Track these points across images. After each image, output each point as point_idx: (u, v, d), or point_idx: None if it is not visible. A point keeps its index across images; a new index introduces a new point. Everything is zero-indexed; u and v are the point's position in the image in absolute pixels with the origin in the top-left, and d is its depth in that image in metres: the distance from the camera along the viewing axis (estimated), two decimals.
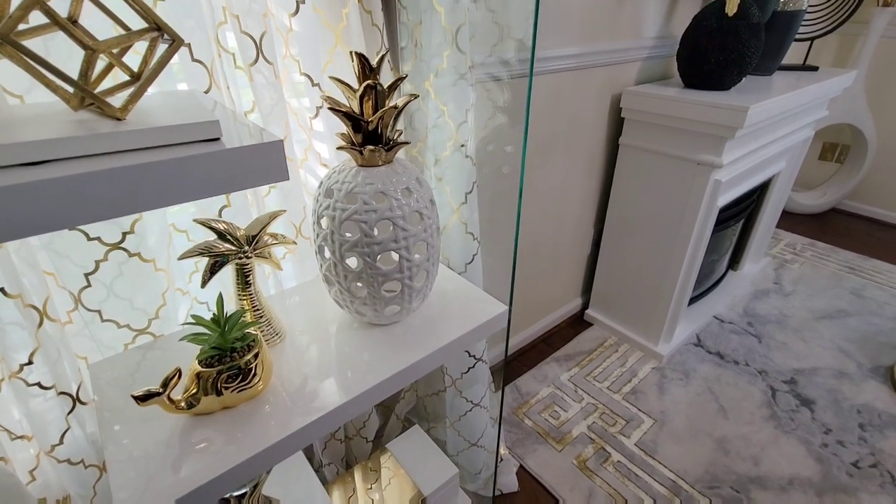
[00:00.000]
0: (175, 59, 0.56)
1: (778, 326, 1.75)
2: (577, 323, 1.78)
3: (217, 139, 0.37)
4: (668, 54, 1.50)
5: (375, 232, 0.56)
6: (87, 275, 0.57)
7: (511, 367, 1.56)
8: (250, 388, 0.54)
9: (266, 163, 0.37)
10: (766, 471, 1.22)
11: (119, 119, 0.35)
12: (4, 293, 0.50)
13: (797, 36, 1.57)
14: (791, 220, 2.57)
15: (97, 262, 0.57)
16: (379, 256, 0.57)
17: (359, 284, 0.61)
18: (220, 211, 0.64)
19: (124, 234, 0.57)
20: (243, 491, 0.64)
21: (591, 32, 1.21)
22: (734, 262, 2.03)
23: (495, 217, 1.15)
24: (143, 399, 0.47)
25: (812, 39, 1.69)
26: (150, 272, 0.61)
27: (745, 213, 1.73)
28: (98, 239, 0.56)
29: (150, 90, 0.44)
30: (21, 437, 0.59)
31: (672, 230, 1.41)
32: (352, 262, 0.59)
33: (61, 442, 0.60)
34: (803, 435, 1.32)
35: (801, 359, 1.60)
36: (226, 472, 0.48)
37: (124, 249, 0.58)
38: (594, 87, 1.33)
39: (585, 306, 1.82)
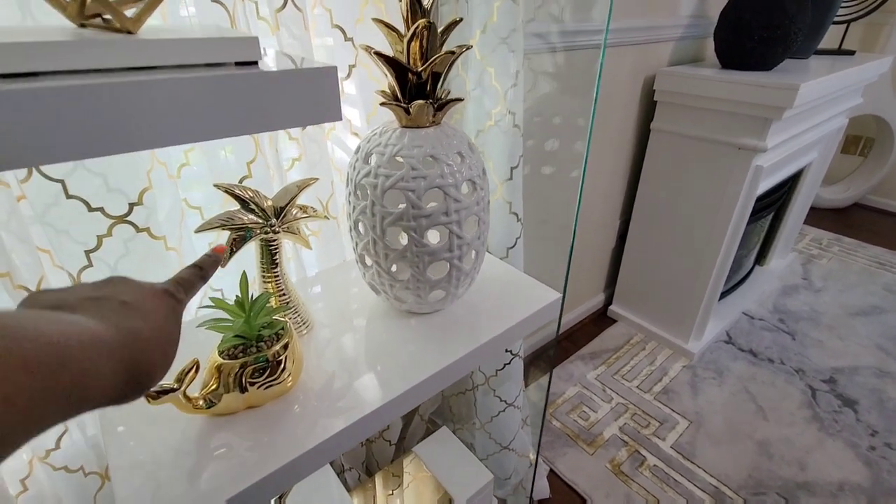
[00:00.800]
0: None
1: (811, 323, 1.67)
2: (601, 319, 1.70)
3: (254, 63, 0.29)
4: (701, 35, 1.42)
5: (424, 202, 0.48)
6: (87, 252, 0.49)
7: (534, 366, 1.48)
8: (279, 384, 0.46)
9: (316, 95, 0.29)
10: (813, 476, 1.14)
11: (130, 33, 0.27)
12: None
13: (834, 19, 1.49)
14: (813, 215, 2.48)
15: (99, 238, 0.49)
16: (426, 232, 0.49)
17: (395, 268, 0.53)
18: (241, 181, 0.57)
19: (131, 205, 0.49)
20: None
21: (624, 7, 1.13)
22: (761, 257, 1.95)
23: (536, 196, 1.06)
24: (154, 396, 0.39)
25: (849, 22, 1.61)
26: (160, 251, 0.53)
27: (776, 204, 1.65)
28: (101, 210, 0.48)
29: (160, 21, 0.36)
30: None
31: (707, 220, 1.33)
32: (394, 238, 0.51)
33: (58, 446, 0.52)
34: (849, 437, 1.24)
35: (838, 357, 1.52)
36: (252, 484, 0.40)
37: (131, 223, 0.50)
38: (626, 67, 1.25)
39: (609, 302, 1.74)
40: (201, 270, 0.35)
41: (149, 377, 0.25)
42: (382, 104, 0.48)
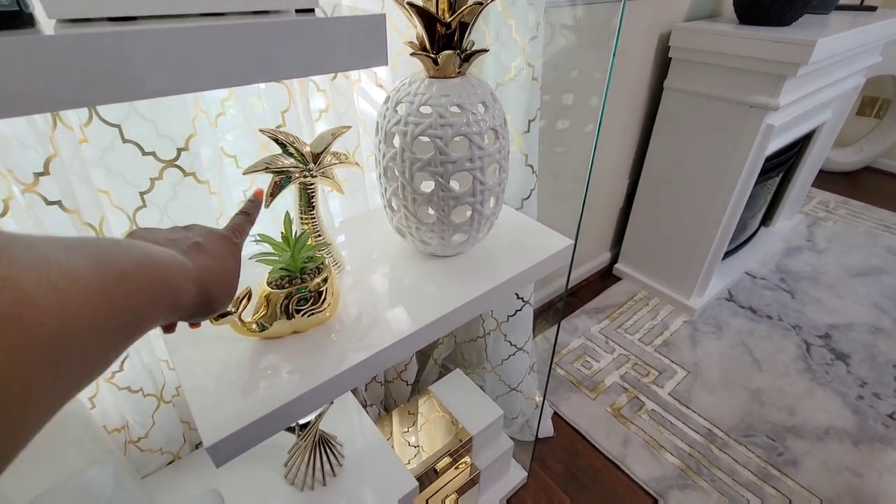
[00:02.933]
0: None
1: (811, 283, 1.71)
2: (606, 277, 1.76)
3: (311, 10, 0.32)
4: None
5: (450, 149, 0.51)
6: (141, 194, 0.53)
7: (541, 318, 1.54)
8: (320, 312, 0.51)
9: (366, 40, 0.33)
10: (801, 421, 1.22)
11: None
12: (62, 207, 0.47)
13: None
14: (823, 178, 2.48)
15: (152, 181, 0.53)
16: (451, 177, 0.53)
17: (421, 211, 0.57)
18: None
19: (179, 150, 0.53)
20: (308, 419, 0.63)
21: None
22: (767, 219, 1.97)
23: (550, 150, 1.09)
24: (216, 318, 0.45)
25: None
26: (204, 195, 0.58)
27: (785, 165, 1.66)
28: (153, 154, 0.52)
29: None
30: None
31: (715, 179, 1.36)
32: (422, 183, 0.55)
33: (122, 369, 0.58)
34: (839, 387, 1.31)
35: (835, 314, 1.57)
36: (299, 396, 0.46)
37: (179, 167, 0.54)
38: (642, 22, 1.24)
39: (614, 260, 1.78)
40: (248, 215, 0.41)
41: (216, 303, 0.32)
42: (412, 54, 0.51)
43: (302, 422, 0.62)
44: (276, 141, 0.49)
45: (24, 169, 0.45)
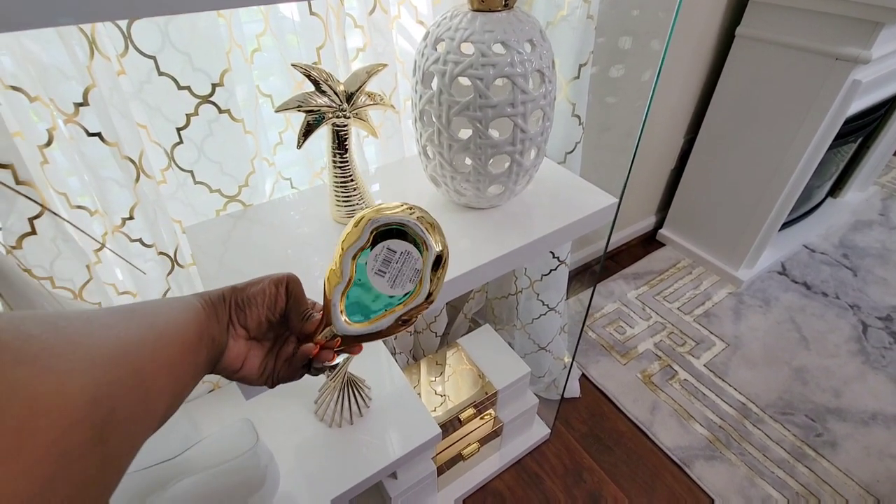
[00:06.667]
0: None
1: (878, 260, 1.58)
2: (648, 242, 1.68)
3: None
4: None
5: (491, 92, 0.48)
6: (178, 130, 0.53)
7: (576, 281, 1.51)
8: None
9: None
10: (847, 403, 1.16)
11: None
12: (102, 139, 0.48)
13: None
14: None
15: (188, 116, 0.53)
16: (491, 124, 0.50)
17: (457, 160, 0.54)
18: None
19: (213, 85, 0.52)
20: (336, 361, 0.64)
21: None
22: (836, 189, 1.80)
23: (600, 101, 1.01)
24: None
25: None
26: (239, 134, 0.57)
27: (865, 130, 1.49)
28: (188, 89, 0.51)
29: None
30: (126, 293, 0.61)
31: (783, 141, 1.24)
32: (459, 130, 0.52)
33: None
34: (894, 372, 1.23)
35: None
36: None
37: (214, 104, 0.53)
38: None
39: (659, 225, 1.70)
40: None
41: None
42: None
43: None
44: (309, 77, 0.47)
45: (65, 98, 0.45)
